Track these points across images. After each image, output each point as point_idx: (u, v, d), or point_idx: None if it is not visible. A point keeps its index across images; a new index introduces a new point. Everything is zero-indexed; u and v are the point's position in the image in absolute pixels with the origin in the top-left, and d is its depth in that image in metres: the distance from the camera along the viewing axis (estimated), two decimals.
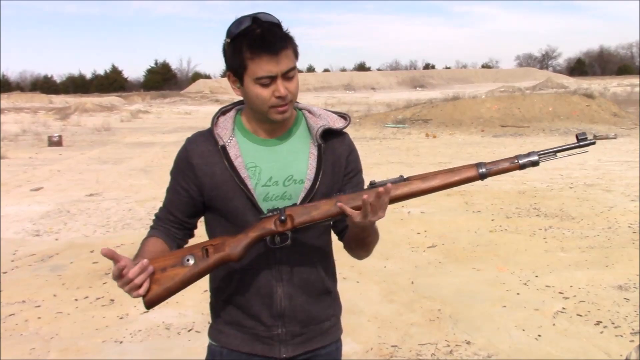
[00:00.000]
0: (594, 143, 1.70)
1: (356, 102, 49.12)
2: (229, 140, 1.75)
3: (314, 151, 1.77)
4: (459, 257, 6.45)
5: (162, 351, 4.29)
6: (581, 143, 1.67)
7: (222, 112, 1.83)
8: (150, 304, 1.62)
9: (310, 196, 1.74)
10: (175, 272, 1.62)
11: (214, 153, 1.75)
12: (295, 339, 1.80)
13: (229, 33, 1.67)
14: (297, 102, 1.86)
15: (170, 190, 1.84)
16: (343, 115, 1.86)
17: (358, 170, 1.88)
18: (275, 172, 1.75)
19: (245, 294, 1.77)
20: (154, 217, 1.88)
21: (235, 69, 1.69)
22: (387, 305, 5.11)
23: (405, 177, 1.70)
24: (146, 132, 27.22)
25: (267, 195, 1.74)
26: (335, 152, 1.81)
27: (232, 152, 1.74)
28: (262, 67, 1.63)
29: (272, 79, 1.64)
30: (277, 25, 1.67)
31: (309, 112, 1.84)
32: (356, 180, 1.86)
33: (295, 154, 1.78)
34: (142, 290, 1.58)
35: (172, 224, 1.83)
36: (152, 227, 1.86)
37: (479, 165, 1.69)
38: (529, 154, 1.68)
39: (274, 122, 1.73)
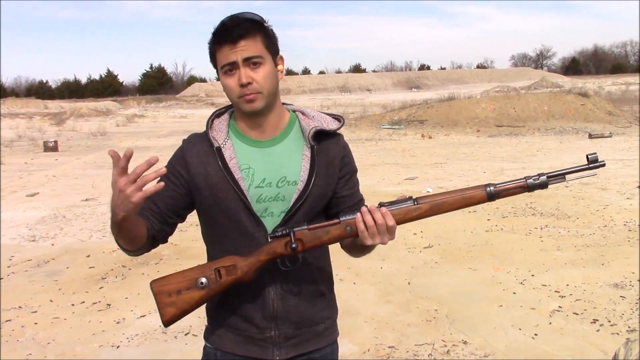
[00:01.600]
0: (604, 165, 1.68)
1: (352, 103, 49.15)
2: (224, 143, 1.76)
3: (307, 153, 1.78)
4: (455, 257, 6.46)
5: (159, 355, 4.29)
6: (591, 165, 1.66)
7: (217, 114, 1.85)
8: (168, 324, 1.71)
9: (304, 197, 1.74)
10: (190, 295, 1.68)
11: (209, 154, 1.76)
12: (289, 341, 1.80)
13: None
14: (291, 104, 1.88)
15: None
16: (337, 117, 1.86)
17: (353, 172, 1.88)
18: (269, 173, 1.75)
19: (239, 296, 1.78)
20: None
21: (213, 64, 1.74)
22: (383, 306, 5.12)
23: (414, 198, 1.70)
24: (142, 136, 27.19)
25: (260, 197, 1.74)
26: (329, 153, 1.81)
27: (227, 154, 1.75)
28: (223, 55, 1.68)
29: (233, 65, 1.68)
30: (248, 20, 1.69)
31: (303, 114, 1.85)
32: (352, 182, 1.86)
33: (289, 155, 1.78)
34: (140, 194, 1.55)
35: (153, 213, 1.80)
36: None
37: (487, 186, 1.70)
38: (538, 176, 1.68)
39: (251, 114, 1.74)
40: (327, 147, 1.81)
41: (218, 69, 1.72)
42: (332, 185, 1.81)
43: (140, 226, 1.71)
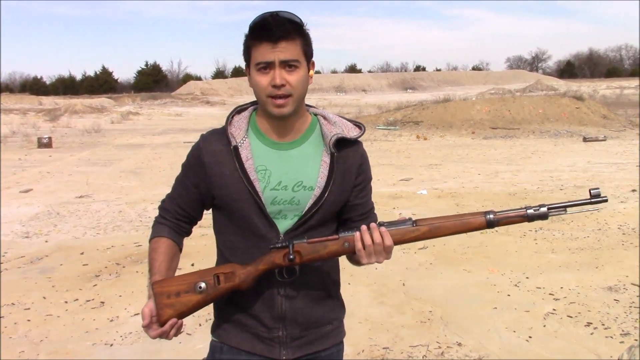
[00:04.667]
0: (606, 200, 1.68)
1: (347, 104, 49.17)
2: (241, 141, 1.75)
3: (327, 159, 1.77)
4: (450, 259, 6.46)
5: (153, 353, 4.27)
6: (593, 200, 1.66)
7: (238, 110, 1.84)
8: (163, 325, 1.72)
9: (319, 204, 1.74)
10: (188, 298, 1.70)
11: (225, 153, 1.75)
12: (296, 342, 1.81)
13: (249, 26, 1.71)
14: (313, 107, 1.87)
15: (180, 184, 1.85)
16: (358, 124, 1.85)
17: (368, 180, 1.88)
18: (285, 176, 1.75)
19: (247, 296, 1.78)
20: (160, 207, 1.89)
21: (246, 59, 1.73)
22: (377, 307, 5.11)
23: (413, 220, 1.72)
24: (136, 133, 27.12)
25: (275, 199, 1.74)
26: (347, 161, 1.80)
27: (244, 154, 1.74)
28: (261, 52, 1.66)
29: (269, 65, 1.66)
30: (290, 21, 1.68)
31: (324, 118, 1.83)
32: (365, 190, 1.87)
33: (307, 160, 1.77)
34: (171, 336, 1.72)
35: (181, 217, 1.85)
36: (159, 222, 1.87)
37: (487, 213, 1.73)
38: (539, 207, 1.68)
39: (277, 117, 1.72)
40: (346, 154, 1.80)
41: (251, 64, 1.70)
42: (347, 192, 1.81)
43: (166, 259, 1.81)
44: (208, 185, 1.77)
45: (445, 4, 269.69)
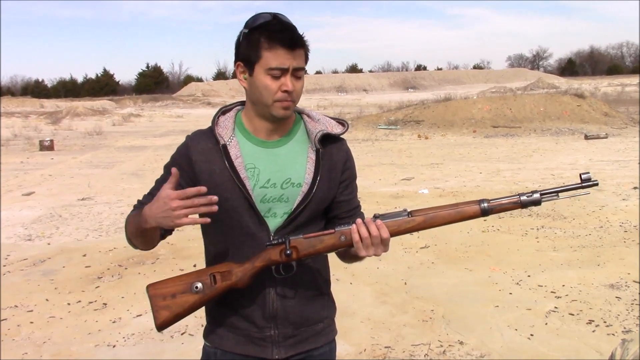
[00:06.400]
0: (596, 184, 1.70)
1: (348, 103, 49.22)
2: (229, 140, 1.76)
3: (312, 156, 1.78)
4: (452, 258, 6.46)
5: (155, 355, 4.28)
6: (584, 184, 1.68)
7: (223, 111, 1.84)
8: (161, 328, 1.72)
9: (308, 200, 1.75)
10: (185, 299, 1.69)
11: (214, 151, 1.75)
12: (288, 341, 1.81)
13: (248, 24, 1.69)
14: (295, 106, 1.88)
15: (161, 182, 1.78)
16: (341, 122, 1.87)
17: (353, 178, 1.89)
18: (274, 174, 1.76)
19: (238, 296, 1.78)
20: (136, 204, 1.83)
21: (248, 59, 1.70)
22: (380, 306, 5.12)
23: (409, 211, 1.72)
24: (138, 135, 27.15)
25: (264, 197, 1.74)
26: (333, 157, 1.81)
27: (233, 152, 1.74)
28: (277, 58, 1.66)
29: (283, 72, 1.67)
30: (294, 27, 1.70)
31: (308, 116, 1.85)
32: (351, 188, 1.88)
33: (294, 157, 1.78)
34: (185, 220, 1.57)
35: None
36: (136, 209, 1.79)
37: (481, 201, 1.71)
38: (531, 193, 1.69)
39: (275, 118, 1.73)
40: (331, 151, 1.82)
41: (258, 65, 1.68)
42: (334, 189, 1.82)
43: (158, 231, 1.74)
44: (196, 183, 1.74)
45: (446, 3, 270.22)
